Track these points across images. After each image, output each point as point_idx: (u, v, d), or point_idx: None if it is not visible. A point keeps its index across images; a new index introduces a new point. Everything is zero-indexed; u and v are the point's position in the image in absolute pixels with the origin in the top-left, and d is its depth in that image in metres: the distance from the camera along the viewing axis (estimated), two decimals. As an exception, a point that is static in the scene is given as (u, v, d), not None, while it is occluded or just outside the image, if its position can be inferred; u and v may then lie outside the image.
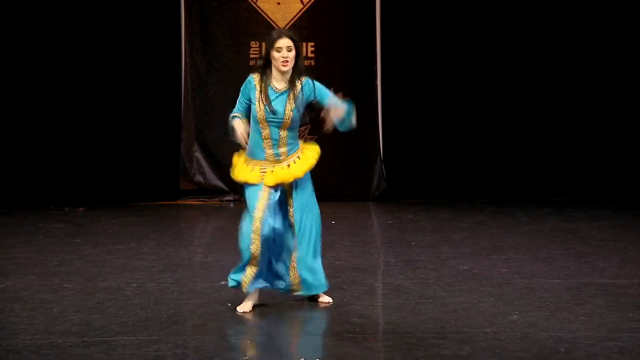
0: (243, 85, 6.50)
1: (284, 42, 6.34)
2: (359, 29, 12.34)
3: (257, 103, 6.36)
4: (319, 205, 6.58)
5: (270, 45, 6.38)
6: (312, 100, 6.44)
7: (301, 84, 6.41)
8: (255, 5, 12.28)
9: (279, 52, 6.34)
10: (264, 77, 6.41)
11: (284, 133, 6.40)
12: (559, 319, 6.16)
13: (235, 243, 6.54)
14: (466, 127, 12.24)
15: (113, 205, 11.78)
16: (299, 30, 12.12)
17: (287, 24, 12.18)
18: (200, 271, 7.93)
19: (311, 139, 12.22)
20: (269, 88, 6.38)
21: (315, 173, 6.49)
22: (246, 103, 6.45)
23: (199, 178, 12.33)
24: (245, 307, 6.46)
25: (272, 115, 6.35)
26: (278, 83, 6.41)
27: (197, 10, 12.26)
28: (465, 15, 12.19)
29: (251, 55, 12.16)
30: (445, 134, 12.26)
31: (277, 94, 6.38)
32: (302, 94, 6.40)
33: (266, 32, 12.13)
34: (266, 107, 6.34)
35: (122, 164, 12.15)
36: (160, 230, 10.03)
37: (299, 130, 6.43)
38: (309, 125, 12.28)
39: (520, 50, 12.19)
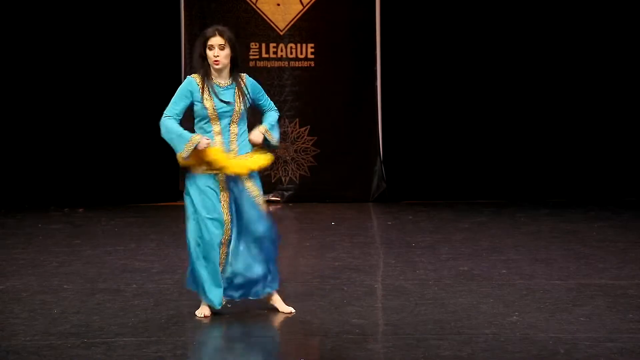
0: (182, 86, 6.27)
1: (216, 41, 6.19)
2: (359, 29, 12.33)
3: (204, 99, 6.17)
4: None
5: (203, 44, 6.22)
6: (252, 98, 6.32)
7: (244, 80, 6.31)
8: (255, 7, 12.27)
9: (211, 50, 6.20)
10: (205, 76, 6.23)
11: (234, 128, 6.24)
12: (558, 320, 6.16)
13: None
14: (466, 128, 12.24)
15: (113, 206, 11.78)
16: (298, 31, 12.16)
17: (287, 24, 12.17)
18: (200, 272, 7.92)
19: (311, 140, 12.35)
20: (214, 85, 6.22)
21: (316, 173, 6.46)
22: (184, 105, 6.21)
23: (198, 179, 12.31)
24: (202, 311, 6.37)
25: (223, 107, 6.18)
26: (219, 80, 6.25)
27: (197, 11, 12.26)
28: (465, 15, 12.19)
29: (251, 57, 12.15)
30: (445, 134, 12.25)
31: (222, 89, 6.24)
32: (247, 90, 6.28)
33: (266, 33, 12.19)
34: (215, 100, 6.17)
35: (122, 165, 12.14)
36: (160, 231, 10.03)
37: (299, 132, 6.37)
38: (308, 126, 12.31)
39: (520, 50, 12.19)
